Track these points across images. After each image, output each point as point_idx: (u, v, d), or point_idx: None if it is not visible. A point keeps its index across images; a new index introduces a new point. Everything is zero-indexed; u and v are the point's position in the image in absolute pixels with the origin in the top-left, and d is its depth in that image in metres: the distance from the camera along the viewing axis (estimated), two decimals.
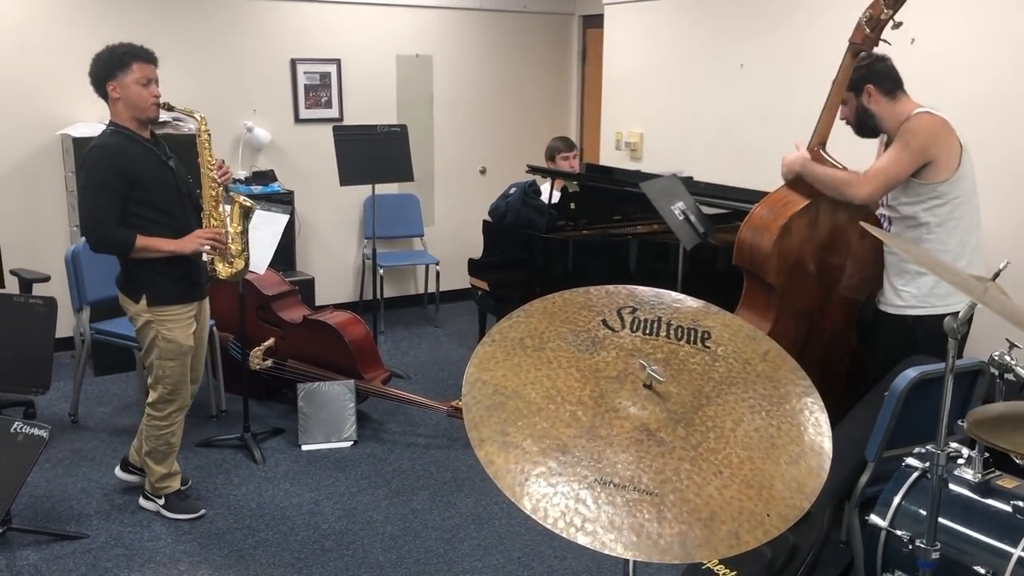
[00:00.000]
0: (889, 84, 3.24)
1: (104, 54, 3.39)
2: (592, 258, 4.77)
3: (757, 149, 5.02)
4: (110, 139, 3.39)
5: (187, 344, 3.53)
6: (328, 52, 6.24)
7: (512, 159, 6.68)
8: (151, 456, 3.62)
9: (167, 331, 3.47)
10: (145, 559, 3.38)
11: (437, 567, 3.36)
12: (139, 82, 3.37)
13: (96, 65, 3.40)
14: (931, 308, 3.20)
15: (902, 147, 3.14)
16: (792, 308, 3.37)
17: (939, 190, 3.15)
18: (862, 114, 3.29)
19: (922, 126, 3.13)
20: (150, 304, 3.45)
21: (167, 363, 3.50)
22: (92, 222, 3.34)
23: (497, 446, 1.52)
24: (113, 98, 3.39)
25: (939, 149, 3.12)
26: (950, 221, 3.18)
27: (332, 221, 6.49)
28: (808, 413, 1.62)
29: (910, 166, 3.14)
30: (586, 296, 1.86)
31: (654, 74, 5.80)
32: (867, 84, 3.23)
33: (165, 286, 3.46)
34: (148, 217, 3.40)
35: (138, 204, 3.38)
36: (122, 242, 3.36)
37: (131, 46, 3.40)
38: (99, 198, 3.32)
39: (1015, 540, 2.31)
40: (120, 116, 3.42)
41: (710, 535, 1.40)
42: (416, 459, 4.27)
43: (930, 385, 2.69)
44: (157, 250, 3.39)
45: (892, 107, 3.24)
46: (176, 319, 3.49)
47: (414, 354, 5.84)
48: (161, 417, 3.56)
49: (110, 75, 3.36)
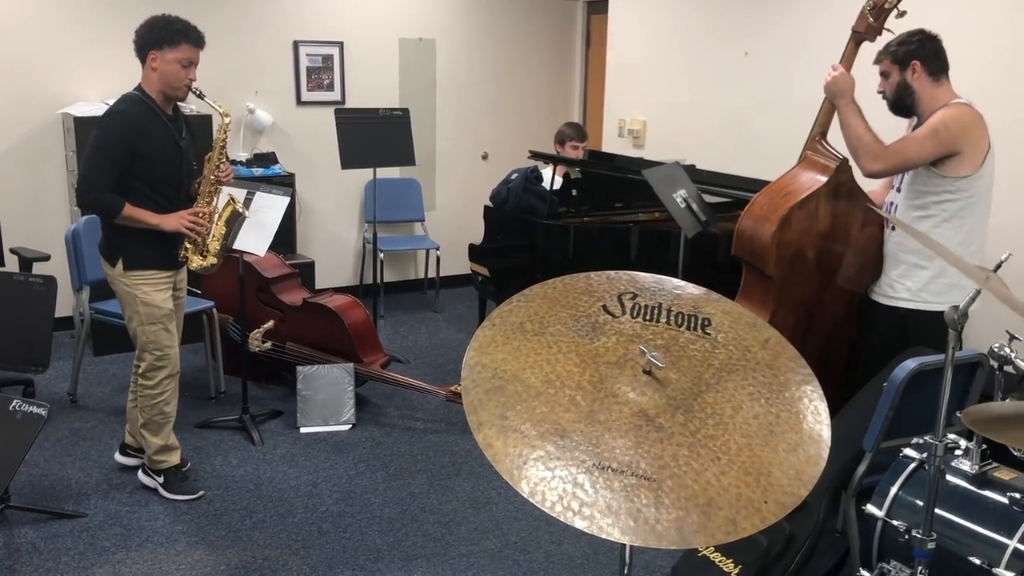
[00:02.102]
0: (936, 65, 3.13)
1: (159, 23, 3.41)
2: (593, 245, 4.77)
3: (760, 138, 5.00)
4: (132, 108, 3.42)
5: (165, 307, 3.57)
6: (331, 34, 6.22)
7: (514, 145, 6.67)
8: (147, 427, 3.64)
9: (144, 295, 3.51)
10: (143, 538, 3.39)
11: (434, 550, 3.37)
12: (180, 62, 3.40)
13: (147, 30, 3.41)
14: (924, 304, 3.18)
15: (930, 134, 3.04)
16: (791, 299, 3.37)
17: (956, 185, 3.08)
18: (902, 90, 3.16)
19: (956, 117, 3.04)
20: (126, 268, 3.50)
21: (148, 328, 3.54)
22: (87, 182, 3.39)
23: (496, 430, 1.52)
24: (151, 66, 3.42)
25: (967, 143, 3.03)
26: (957, 218, 3.12)
27: (333, 204, 6.48)
28: (807, 401, 1.62)
29: (932, 154, 3.05)
30: (587, 282, 1.86)
31: (658, 61, 5.78)
32: (915, 60, 3.11)
33: (142, 252, 3.51)
34: (141, 191, 3.45)
35: (136, 177, 3.42)
36: (109, 207, 3.41)
37: (187, 25, 3.43)
38: (102, 162, 3.37)
39: (1011, 532, 2.31)
40: (150, 85, 3.45)
41: (707, 521, 1.40)
42: (414, 443, 4.28)
43: (929, 376, 2.69)
44: (140, 221, 3.44)
45: (933, 90, 3.13)
46: (152, 283, 3.53)
47: (413, 339, 5.85)
48: (152, 385, 3.59)
49: (156, 45, 3.39)
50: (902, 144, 3.12)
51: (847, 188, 3.34)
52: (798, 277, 3.35)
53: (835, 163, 3.31)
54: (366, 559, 3.30)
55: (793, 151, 3.52)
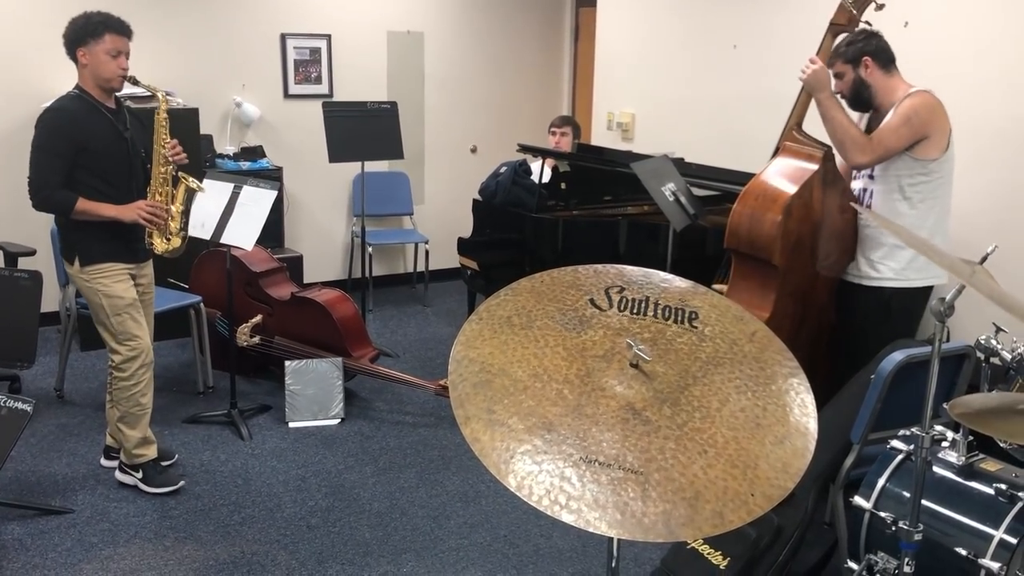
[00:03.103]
0: (885, 58, 3.28)
1: (80, 20, 3.43)
2: (582, 239, 4.76)
3: (749, 131, 5.00)
4: (69, 104, 3.44)
5: (128, 296, 3.56)
6: (319, 27, 6.19)
7: (503, 138, 6.66)
8: (124, 421, 3.62)
9: (104, 287, 3.51)
10: (131, 534, 3.38)
11: (423, 544, 3.37)
12: (109, 53, 3.41)
13: (70, 29, 3.44)
14: (908, 281, 3.29)
15: (903, 122, 3.17)
16: (791, 287, 3.39)
17: (928, 167, 3.21)
18: (859, 86, 3.30)
19: (924, 104, 3.18)
20: (83, 264, 3.50)
21: (116, 319, 3.53)
22: (37, 183, 3.40)
23: (483, 424, 1.51)
24: (81, 63, 3.44)
25: (935, 127, 3.18)
26: (931, 199, 3.25)
27: (321, 198, 6.46)
28: (794, 394, 1.62)
29: (908, 140, 3.18)
30: (574, 275, 1.85)
31: (647, 54, 5.77)
32: (865, 57, 3.26)
33: (96, 246, 3.50)
34: (92, 185, 3.45)
35: (84, 171, 3.43)
36: (63, 203, 3.41)
37: (107, 16, 3.43)
38: (46, 160, 3.38)
39: (996, 523, 2.33)
40: (86, 82, 3.47)
41: (694, 514, 1.40)
42: (403, 437, 4.27)
43: (916, 368, 2.70)
44: (97, 215, 3.43)
45: (887, 81, 3.28)
46: (110, 275, 3.52)
47: (402, 333, 5.84)
48: (127, 376, 3.57)
49: (81, 41, 3.41)
50: (881, 134, 3.22)
51: (832, 175, 3.38)
52: (797, 265, 3.38)
53: (821, 151, 3.35)
54: (355, 553, 3.30)
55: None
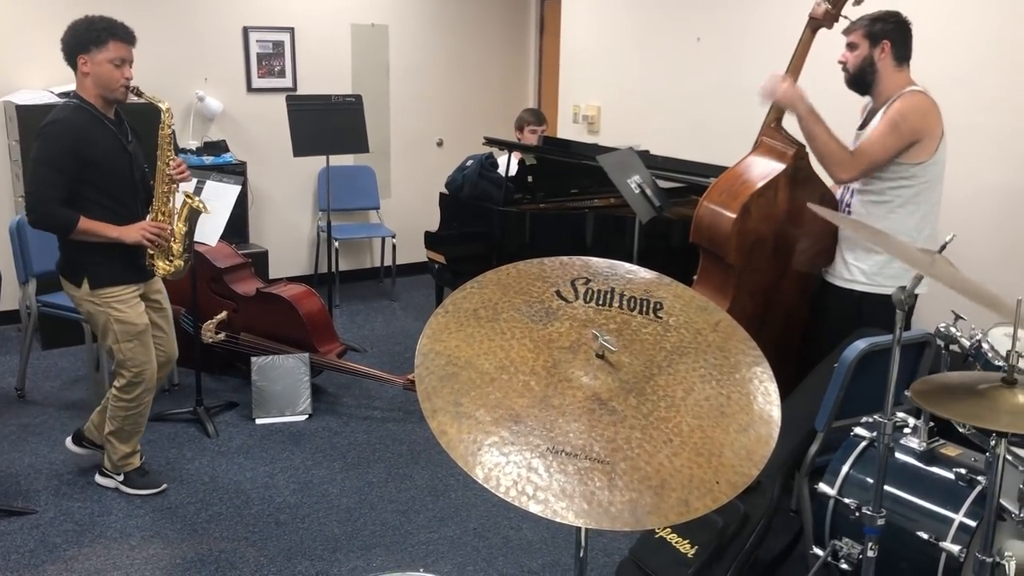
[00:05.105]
0: (903, 50, 3.15)
1: (81, 25, 3.25)
2: (549, 231, 4.77)
3: (713, 123, 5.04)
4: (72, 115, 3.26)
5: (141, 322, 3.44)
6: (281, 20, 6.13)
7: (469, 131, 6.63)
8: (116, 435, 3.55)
9: (118, 312, 3.38)
10: (96, 534, 3.33)
11: (393, 539, 3.36)
12: (112, 62, 3.25)
13: (71, 35, 3.26)
14: (878, 287, 3.20)
15: (890, 129, 3.06)
16: (750, 286, 3.38)
17: (912, 171, 3.11)
18: (867, 65, 3.16)
19: (914, 107, 3.07)
20: (93, 287, 3.35)
21: (125, 345, 3.41)
22: (36, 198, 3.23)
23: (450, 416, 1.51)
24: (83, 72, 3.27)
25: (925, 132, 3.07)
26: (912, 204, 3.16)
27: (286, 193, 6.41)
28: (757, 382, 1.64)
29: (895, 150, 3.07)
30: (540, 267, 1.86)
31: (612, 47, 5.79)
32: (886, 39, 3.13)
33: (107, 267, 3.37)
34: (95, 200, 3.30)
35: (87, 186, 3.27)
36: (64, 223, 3.25)
37: (111, 22, 3.27)
38: (48, 175, 3.20)
39: (956, 506, 2.37)
40: (86, 91, 3.30)
41: (660, 502, 1.41)
42: (372, 432, 4.26)
43: (878, 356, 2.74)
44: (99, 235, 3.29)
45: (894, 73, 3.15)
46: (123, 299, 3.40)
47: (370, 327, 5.81)
48: (130, 399, 3.48)
49: (83, 48, 3.24)
50: (866, 147, 3.11)
51: (804, 174, 3.34)
52: (757, 264, 3.36)
53: (792, 149, 3.30)
54: (324, 549, 3.28)
55: (746, 136, 3.54)
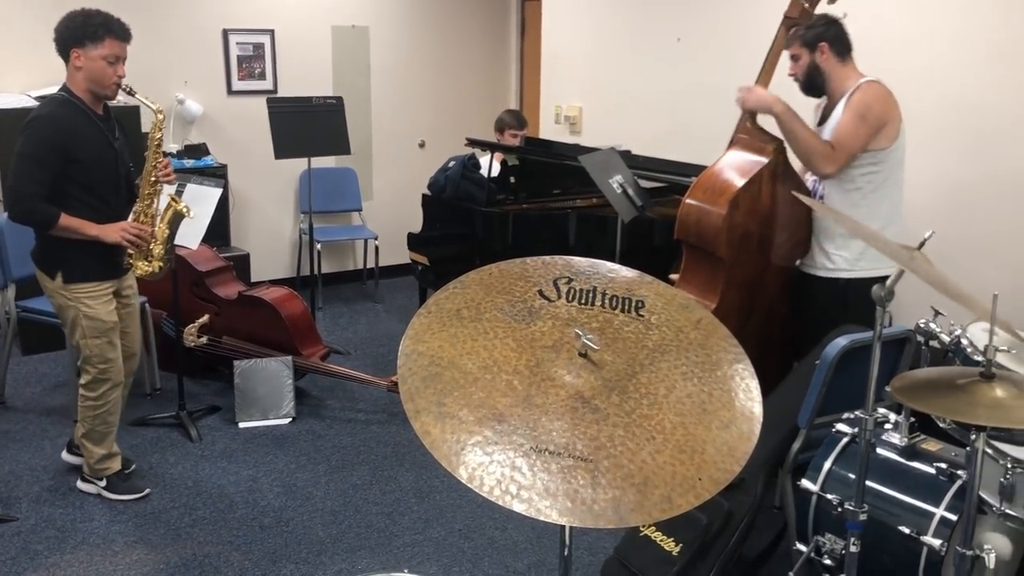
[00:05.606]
0: (841, 47, 3.28)
1: (78, 18, 3.22)
2: (532, 232, 4.78)
3: (695, 123, 5.05)
4: (59, 110, 3.23)
5: (110, 320, 3.43)
6: (261, 22, 6.11)
7: (451, 132, 6.63)
8: (88, 437, 3.54)
9: (87, 308, 3.37)
10: (78, 541, 3.31)
11: (378, 541, 3.36)
12: (106, 58, 3.23)
13: (66, 27, 3.22)
14: (862, 271, 3.28)
15: (858, 120, 3.17)
16: (737, 279, 3.42)
17: (879, 157, 3.22)
18: (813, 71, 3.31)
19: (876, 96, 3.19)
20: (66, 281, 3.34)
21: (92, 341, 3.40)
22: (18, 193, 3.20)
23: (433, 416, 1.51)
24: (75, 65, 3.24)
25: (887, 117, 3.19)
26: (883, 188, 3.27)
27: (267, 195, 6.38)
28: (739, 379, 1.65)
29: (868, 138, 3.18)
30: (522, 267, 1.86)
31: (593, 48, 5.80)
32: (822, 42, 3.26)
33: (82, 263, 3.35)
34: (77, 196, 3.28)
35: (70, 182, 3.25)
36: (45, 218, 3.23)
37: (108, 18, 3.24)
38: (32, 170, 3.18)
39: (937, 501, 2.39)
40: (77, 85, 3.27)
41: (643, 500, 1.42)
42: (356, 435, 4.25)
43: (859, 353, 2.76)
44: (78, 232, 3.27)
45: (841, 69, 3.28)
46: (94, 295, 3.39)
47: (353, 330, 5.80)
48: (95, 397, 3.48)
49: (78, 42, 3.21)
50: (842, 139, 3.20)
51: (783, 168, 3.41)
52: (744, 257, 3.41)
53: (772, 144, 3.37)
54: (309, 552, 3.27)
55: (727, 136, 3.55)
